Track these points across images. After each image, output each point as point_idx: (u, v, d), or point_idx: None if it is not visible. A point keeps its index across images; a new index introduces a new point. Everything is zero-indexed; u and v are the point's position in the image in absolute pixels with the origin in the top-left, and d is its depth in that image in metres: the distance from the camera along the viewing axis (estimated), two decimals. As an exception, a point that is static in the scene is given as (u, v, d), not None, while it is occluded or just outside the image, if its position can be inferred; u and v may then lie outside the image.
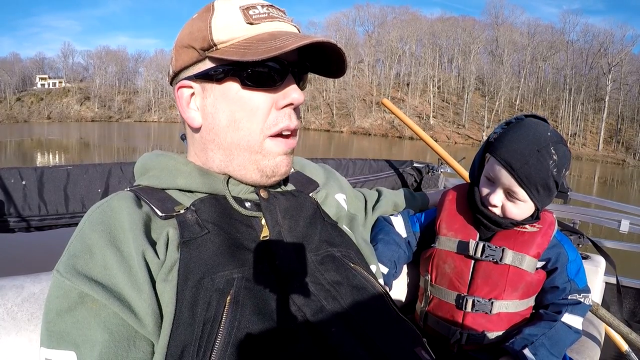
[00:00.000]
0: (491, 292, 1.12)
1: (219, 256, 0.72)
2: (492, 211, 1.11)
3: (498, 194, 1.09)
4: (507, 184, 1.06)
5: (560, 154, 1.03)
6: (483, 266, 1.12)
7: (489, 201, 1.10)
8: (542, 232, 1.13)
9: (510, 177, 1.05)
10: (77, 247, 0.70)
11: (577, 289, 1.15)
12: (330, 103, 69.62)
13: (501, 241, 1.13)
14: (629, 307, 2.18)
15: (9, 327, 0.82)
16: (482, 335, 1.13)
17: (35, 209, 1.28)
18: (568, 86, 57.47)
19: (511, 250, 1.11)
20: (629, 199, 19.24)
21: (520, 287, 1.12)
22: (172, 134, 39.00)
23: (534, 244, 1.12)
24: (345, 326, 0.72)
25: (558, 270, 1.15)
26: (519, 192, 1.06)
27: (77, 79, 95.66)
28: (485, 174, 1.12)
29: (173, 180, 0.83)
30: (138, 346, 0.66)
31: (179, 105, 0.84)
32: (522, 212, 1.10)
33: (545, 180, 1.03)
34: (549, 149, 1.03)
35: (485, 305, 1.11)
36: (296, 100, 0.81)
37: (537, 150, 1.02)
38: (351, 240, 0.95)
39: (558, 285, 1.15)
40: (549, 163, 1.02)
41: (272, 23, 0.79)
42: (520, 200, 1.07)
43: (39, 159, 20.46)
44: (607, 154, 49.04)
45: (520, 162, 1.03)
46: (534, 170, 1.02)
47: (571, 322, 1.12)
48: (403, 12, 79.10)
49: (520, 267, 1.11)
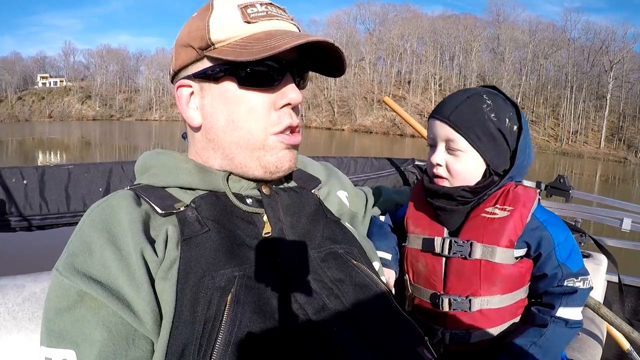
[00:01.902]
0: (467, 289, 1.02)
1: (219, 254, 0.71)
2: (437, 174, 1.04)
3: (439, 151, 1.03)
4: (443, 135, 1.01)
5: (497, 102, 0.99)
6: (454, 263, 1.03)
7: (431, 162, 1.04)
8: (514, 216, 0.99)
9: (444, 124, 1.00)
10: (76, 245, 0.70)
11: (571, 273, 1.01)
12: (331, 101, 69.57)
13: (469, 234, 1.02)
14: (631, 305, 2.18)
15: (9, 327, 0.82)
16: (467, 334, 1.03)
17: (36, 208, 1.28)
18: (569, 84, 57.30)
19: (480, 244, 1.00)
20: (630, 197, 19.18)
21: (498, 282, 1.01)
22: (173, 133, 39.02)
23: (504, 232, 0.99)
24: (348, 325, 0.72)
25: (544, 256, 1.01)
26: (457, 139, 0.99)
27: (78, 77, 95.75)
28: (428, 140, 1.08)
29: (173, 178, 0.83)
30: (137, 345, 0.65)
31: (179, 104, 0.84)
32: (468, 167, 1.01)
33: (482, 124, 0.97)
34: (481, 95, 0.99)
35: (462, 304, 1.02)
36: (294, 100, 0.80)
37: (467, 97, 1.00)
38: (354, 237, 0.94)
39: (547, 272, 1.02)
40: (482, 106, 0.98)
41: (270, 22, 0.79)
42: (460, 151, 1.00)
43: (40, 158, 20.50)
44: (608, 152, 48.92)
45: (450, 107, 1.00)
46: (466, 113, 0.98)
47: (568, 315, 1.00)
48: (404, 9, 79.15)
49: (493, 260, 0.99)
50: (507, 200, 1.02)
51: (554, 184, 2.41)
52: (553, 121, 56.53)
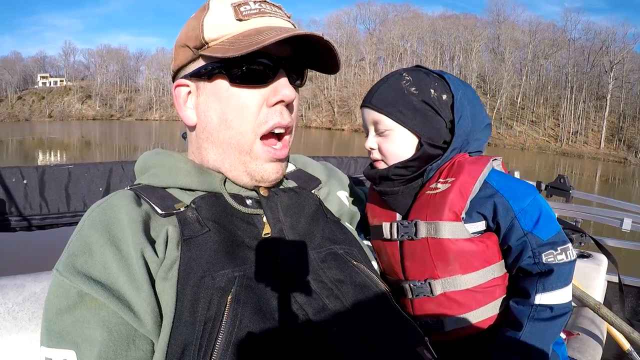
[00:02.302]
0: (423, 272, 0.95)
1: (220, 254, 0.71)
2: (373, 158, 1.03)
3: (370, 136, 1.02)
4: (370, 119, 1.01)
5: (417, 76, 0.98)
6: (406, 246, 0.97)
7: (367, 148, 1.04)
8: (455, 187, 0.92)
9: (368, 109, 1.00)
10: (76, 246, 0.70)
11: (542, 242, 0.88)
12: (331, 101, 69.56)
13: (415, 214, 0.96)
14: (631, 305, 2.17)
15: (9, 327, 0.82)
16: (439, 322, 0.95)
17: (36, 207, 1.28)
18: (570, 84, 57.30)
19: (423, 221, 0.94)
20: (630, 197, 19.18)
21: (453, 259, 0.92)
22: (173, 132, 39.03)
23: (446, 205, 0.92)
24: (347, 325, 0.71)
25: (505, 227, 0.91)
26: (382, 119, 0.98)
27: (78, 77, 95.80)
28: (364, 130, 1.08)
29: (173, 178, 0.83)
30: (137, 345, 0.65)
31: (176, 104, 0.85)
32: (398, 144, 0.99)
33: (404, 99, 0.96)
34: (400, 74, 0.99)
35: (422, 288, 0.95)
36: (287, 97, 0.79)
37: (386, 78, 1.01)
38: (353, 237, 0.94)
39: (511, 245, 0.91)
40: (400, 83, 0.98)
41: (262, 18, 0.78)
42: (388, 129, 0.98)
43: (40, 157, 20.49)
44: (608, 152, 48.92)
45: (371, 93, 1.01)
46: (385, 93, 0.98)
47: (551, 301, 0.87)
48: (404, 9, 79.17)
49: (438, 236, 0.92)
50: (450, 173, 0.96)
51: (554, 184, 2.42)
52: (553, 121, 56.51)
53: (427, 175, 0.98)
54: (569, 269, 0.89)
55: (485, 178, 0.94)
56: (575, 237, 2.12)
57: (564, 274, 0.88)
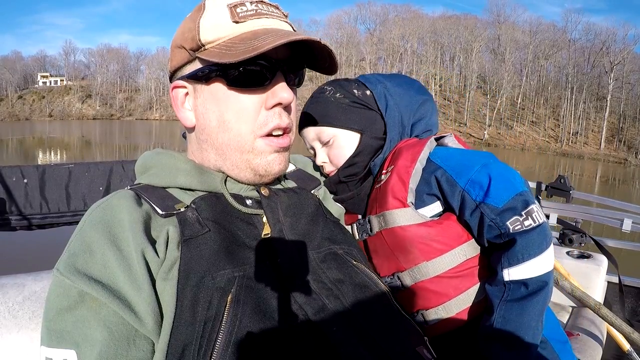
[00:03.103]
0: (388, 266, 0.93)
1: (220, 254, 0.71)
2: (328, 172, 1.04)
3: (318, 152, 1.04)
4: (311, 137, 1.04)
5: (336, 84, 1.03)
6: (368, 244, 0.97)
7: (318, 164, 1.06)
8: (394, 173, 0.90)
9: (305, 129, 1.04)
10: (77, 245, 0.70)
11: (498, 210, 0.80)
12: (331, 101, 69.51)
13: (368, 211, 0.98)
14: (631, 306, 2.17)
15: (10, 326, 0.82)
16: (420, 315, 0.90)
17: (36, 207, 1.28)
18: (570, 85, 57.32)
19: (374, 215, 0.94)
20: (631, 198, 19.20)
21: (411, 246, 0.87)
22: (173, 132, 39.05)
23: (388, 194, 0.90)
24: (347, 325, 0.71)
25: (455, 203, 0.86)
26: (321, 130, 1.02)
27: (78, 76, 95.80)
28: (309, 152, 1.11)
29: (173, 178, 0.83)
30: (138, 345, 0.65)
31: (174, 105, 0.85)
32: (343, 148, 1.00)
33: (333, 105, 1.00)
34: (321, 89, 1.04)
35: (393, 282, 0.91)
36: (285, 100, 0.79)
37: (311, 98, 1.05)
38: (353, 238, 0.94)
39: (467, 220, 0.85)
40: (324, 95, 1.02)
41: (259, 20, 0.78)
42: (330, 137, 1.00)
43: (41, 157, 20.50)
44: (608, 153, 48.93)
45: (303, 115, 1.04)
46: (314, 108, 1.02)
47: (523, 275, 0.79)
48: (405, 10, 79.21)
49: (390, 226, 0.89)
50: (390, 162, 0.94)
51: (554, 184, 2.42)
52: (553, 122, 56.52)
53: (374, 170, 0.99)
54: (537, 234, 0.79)
55: (429, 156, 0.91)
56: (576, 237, 2.12)
57: (531, 241, 0.79)
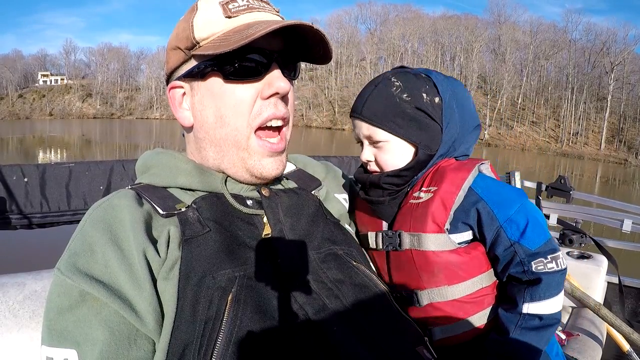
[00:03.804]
0: (409, 282, 0.93)
1: (220, 254, 0.71)
2: (370, 170, 1.00)
3: (365, 149, 0.99)
4: (363, 132, 0.97)
5: (407, 80, 0.93)
6: (392, 257, 0.96)
7: (362, 161, 1.00)
8: (437, 197, 0.89)
9: (360, 122, 0.96)
10: (78, 245, 0.70)
11: (530, 252, 0.85)
12: (332, 101, 69.52)
13: (399, 224, 0.94)
14: (631, 307, 2.17)
15: (10, 325, 0.82)
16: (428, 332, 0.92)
17: (37, 206, 1.28)
18: (570, 85, 57.28)
19: (407, 232, 0.91)
20: (631, 198, 19.19)
21: (438, 271, 0.89)
22: (173, 131, 39.01)
23: (427, 217, 0.89)
24: (347, 325, 0.71)
25: (489, 237, 0.88)
26: (376, 132, 0.94)
27: (79, 75, 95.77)
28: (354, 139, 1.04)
29: (174, 178, 0.83)
30: (139, 344, 0.65)
31: (172, 106, 0.86)
32: (395, 155, 0.95)
33: (397, 109, 0.92)
34: (388, 79, 0.94)
35: (410, 299, 0.93)
36: (281, 89, 0.79)
37: (375, 85, 0.95)
38: (353, 238, 0.94)
39: (498, 255, 0.88)
40: (391, 90, 0.92)
41: (251, 14, 0.78)
42: (383, 141, 0.94)
43: (41, 156, 20.50)
44: (609, 153, 48.89)
45: (361, 102, 0.95)
46: (376, 103, 0.93)
47: (540, 311, 0.84)
48: (405, 9, 79.22)
49: (422, 248, 0.89)
50: (433, 180, 0.93)
51: (554, 184, 2.42)
52: (554, 122, 56.46)
53: (410, 183, 0.96)
54: (558, 278, 0.85)
55: (471, 185, 0.90)
56: (576, 237, 2.12)
57: (553, 284, 0.85)
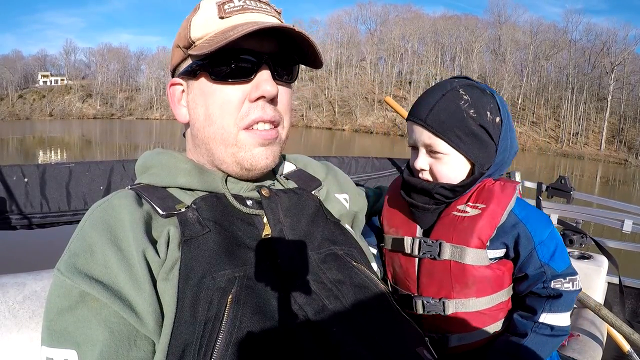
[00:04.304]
0: (439, 291, 0.97)
1: (220, 255, 0.71)
2: (422, 178, 0.99)
3: (421, 156, 0.97)
4: (423, 140, 0.95)
5: (475, 95, 0.92)
6: (425, 263, 0.98)
7: (415, 168, 0.99)
8: (485, 214, 0.93)
9: (422, 129, 0.94)
10: (77, 245, 0.70)
11: (556, 274, 0.94)
12: (332, 101, 69.52)
13: (439, 233, 0.97)
14: (632, 307, 2.17)
15: (10, 325, 0.81)
16: (444, 339, 0.98)
17: (37, 206, 1.27)
18: (570, 85, 57.24)
19: (448, 243, 0.94)
20: (631, 198, 19.19)
21: (472, 284, 0.94)
22: (174, 131, 39.05)
23: (474, 232, 0.93)
24: (347, 325, 0.71)
25: (523, 257, 0.94)
26: (437, 143, 0.93)
27: (79, 76, 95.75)
28: (408, 143, 1.01)
29: (173, 178, 0.83)
30: (139, 345, 0.65)
31: (170, 102, 0.88)
32: (452, 169, 0.96)
33: (463, 123, 0.91)
34: (457, 90, 0.92)
35: (436, 306, 0.97)
36: (267, 93, 0.78)
37: (442, 94, 0.93)
38: (353, 239, 0.94)
39: (529, 274, 0.95)
40: (459, 103, 0.91)
41: (244, 15, 0.78)
42: (443, 154, 0.94)
43: (41, 156, 20.50)
44: (609, 154, 48.87)
45: (426, 109, 0.93)
46: (443, 113, 0.91)
47: (553, 321, 0.93)
48: (405, 10, 79.10)
49: (462, 261, 0.93)
50: (480, 198, 0.96)
51: (555, 185, 2.41)
52: (554, 122, 56.44)
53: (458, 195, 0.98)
54: (573, 296, 0.95)
55: (513, 208, 0.95)
56: (576, 238, 2.12)
57: (568, 300, 0.94)
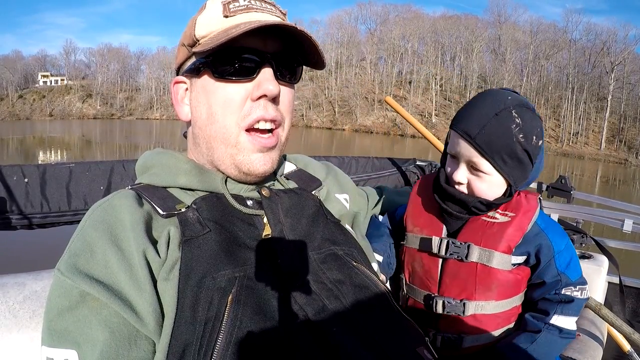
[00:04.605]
0: (461, 292, 1.01)
1: (220, 255, 0.71)
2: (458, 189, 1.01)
3: (461, 170, 0.98)
4: (467, 156, 0.96)
5: (526, 118, 0.92)
6: (450, 264, 1.02)
7: (453, 179, 1.00)
8: (514, 223, 0.98)
9: (469, 146, 0.94)
10: (78, 245, 0.70)
11: (570, 282, 1.00)
12: (332, 101, 69.51)
13: (467, 236, 1.01)
14: (632, 307, 2.17)
15: (10, 325, 0.81)
16: (460, 339, 1.02)
17: (37, 206, 1.27)
18: (570, 85, 57.23)
19: (477, 247, 0.98)
20: (631, 198, 19.19)
21: (494, 287, 0.99)
22: (174, 131, 39.07)
23: (503, 238, 0.98)
24: (347, 325, 0.71)
25: (542, 265, 1.00)
26: (482, 163, 0.94)
27: (79, 76, 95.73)
28: (448, 150, 1.02)
29: (174, 178, 0.83)
30: (139, 345, 0.65)
31: (174, 99, 0.87)
32: (490, 187, 0.98)
33: (510, 147, 0.91)
34: (510, 111, 0.91)
35: (456, 307, 1.01)
36: (269, 92, 0.78)
37: (496, 114, 0.91)
38: (354, 239, 0.94)
39: (546, 281, 1.01)
40: (511, 127, 0.91)
41: (248, 14, 0.78)
42: (485, 173, 0.96)
43: (41, 156, 20.51)
44: (609, 153, 48.86)
45: (477, 127, 0.92)
46: (494, 135, 0.91)
47: (563, 324, 0.99)
48: (405, 10, 79.08)
49: (489, 264, 0.98)
50: (508, 206, 1.00)
51: (555, 184, 2.41)
52: (554, 122, 56.42)
53: None
54: (581, 304, 1.01)
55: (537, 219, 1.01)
56: (577, 238, 2.12)
57: (578, 306, 1.01)
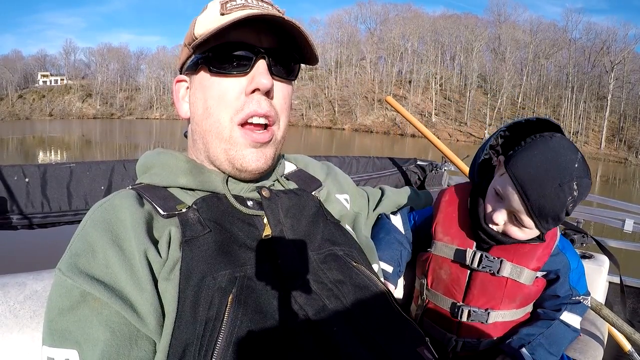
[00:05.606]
0: (488, 302, 1.09)
1: (221, 255, 0.72)
2: (493, 229, 1.05)
3: (503, 214, 1.02)
4: (516, 208, 0.98)
5: (582, 189, 0.93)
6: (480, 276, 1.09)
7: (492, 218, 1.03)
8: (544, 245, 1.07)
9: (522, 204, 0.96)
10: (79, 245, 0.70)
11: (578, 294, 1.14)
12: (332, 100, 69.51)
13: (500, 252, 1.08)
14: (632, 306, 2.17)
15: (11, 325, 0.81)
16: (478, 343, 1.12)
17: (38, 206, 1.28)
18: (570, 84, 57.22)
19: (510, 263, 1.06)
20: (631, 197, 19.19)
21: (518, 299, 1.10)
22: (174, 131, 39.09)
23: (534, 257, 1.07)
24: (347, 325, 0.72)
25: (560, 280, 1.12)
26: (527, 220, 0.98)
27: (78, 76, 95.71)
28: (495, 186, 1.03)
29: (174, 178, 0.83)
30: (140, 345, 0.65)
31: (174, 98, 0.89)
32: (526, 236, 1.04)
33: (558, 215, 0.94)
34: (572, 184, 0.92)
35: (481, 316, 1.09)
36: (262, 85, 0.78)
37: (559, 184, 0.92)
38: (354, 239, 0.94)
39: (559, 294, 1.12)
40: (567, 199, 0.92)
41: (244, 11, 0.78)
42: (525, 227, 1.00)
43: (41, 156, 20.50)
44: (609, 153, 48.86)
45: (537, 193, 0.93)
46: (549, 204, 0.93)
47: (570, 321, 1.11)
48: (405, 9, 79.04)
49: (519, 280, 1.06)
50: None
51: (555, 184, 2.40)
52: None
53: None
54: (585, 308, 1.15)
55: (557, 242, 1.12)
56: (577, 237, 2.11)
57: (583, 308, 1.14)
